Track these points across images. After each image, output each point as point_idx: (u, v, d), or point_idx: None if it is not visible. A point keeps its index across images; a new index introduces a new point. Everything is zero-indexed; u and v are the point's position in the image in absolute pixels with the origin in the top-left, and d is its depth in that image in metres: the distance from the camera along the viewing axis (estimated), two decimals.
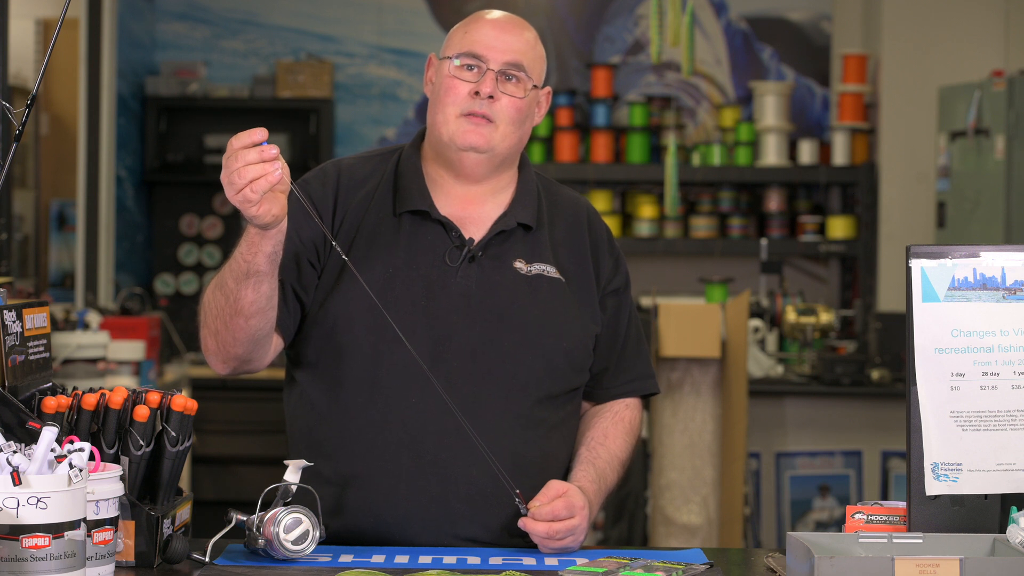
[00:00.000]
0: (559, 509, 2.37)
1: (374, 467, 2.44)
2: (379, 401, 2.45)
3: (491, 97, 2.49)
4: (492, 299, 2.49)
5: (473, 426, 2.39)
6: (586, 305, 2.57)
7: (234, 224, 7.47)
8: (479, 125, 2.50)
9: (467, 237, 2.52)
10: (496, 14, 2.57)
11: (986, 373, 2.14)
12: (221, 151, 7.34)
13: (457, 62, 2.51)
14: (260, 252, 2.29)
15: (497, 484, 2.42)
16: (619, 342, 2.62)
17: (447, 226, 2.52)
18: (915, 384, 2.13)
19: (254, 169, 2.18)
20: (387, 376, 2.44)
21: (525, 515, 2.39)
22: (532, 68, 2.53)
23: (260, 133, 2.19)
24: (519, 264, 2.53)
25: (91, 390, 2.27)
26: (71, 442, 2.00)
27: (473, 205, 2.56)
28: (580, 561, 2.24)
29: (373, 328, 2.45)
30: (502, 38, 2.52)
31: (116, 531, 2.11)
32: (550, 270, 2.54)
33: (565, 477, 2.53)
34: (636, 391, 2.66)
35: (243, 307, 2.35)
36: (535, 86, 2.54)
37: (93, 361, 5.19)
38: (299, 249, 2.49)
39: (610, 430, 2.60)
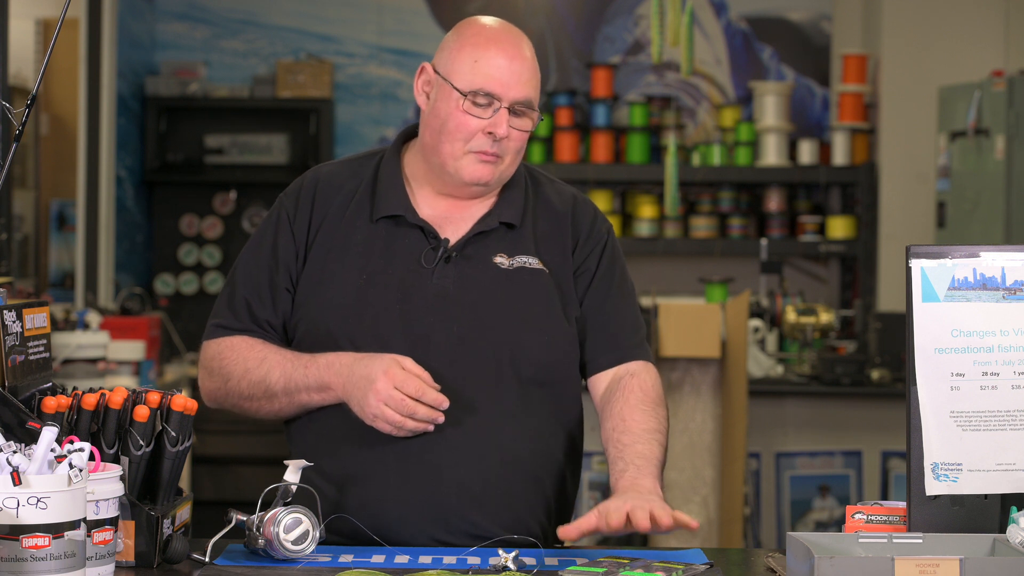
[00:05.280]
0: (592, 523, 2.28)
1: (365, 470, 2.45)
2: None
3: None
4: (470, 296, 2.49)
5: (460, 424, 2.41)
6: (570, 295, 2.55)
7: (234, 224, 7.47)
8: (487, 163, 2.49)
9: (444, 238, 2.52)
10: (500, 36, 2.50)
11: (986, 373, 2.14)
12: (221, 151, 7.37)
13: (469, 99, 2.46)
14: (333, 402, 2.44)
15: (488, 483, 2.43)
16: (590, 319, 2.56)
17: (425, 230, 2.53)
18: (915, 384, 2.13)
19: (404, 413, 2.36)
20: None
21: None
22: (537, 96, 2.52)
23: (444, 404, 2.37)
24: (500, 259, 2.53)
25: (91, 390, 2.27)
26: (71, 442, 2.00)
27: (456, 208, 2.56)
28: (580, 561, 2.24)
29: (349, 336, 2.46)
30: (512, 69, 2.47)
31: (116, 531, 2.11)
32: (532, 262, 2.53)
33: (560, 473, 2.53)
34: (616, 362, 2.57)
35: (286, 414, 2.52)
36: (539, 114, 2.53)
37: (93, 361, 5.19)
38: (276, 281, 2.54)
39: (624, 411, 2.49)
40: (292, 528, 2.23)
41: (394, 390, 2.34)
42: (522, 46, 2.51)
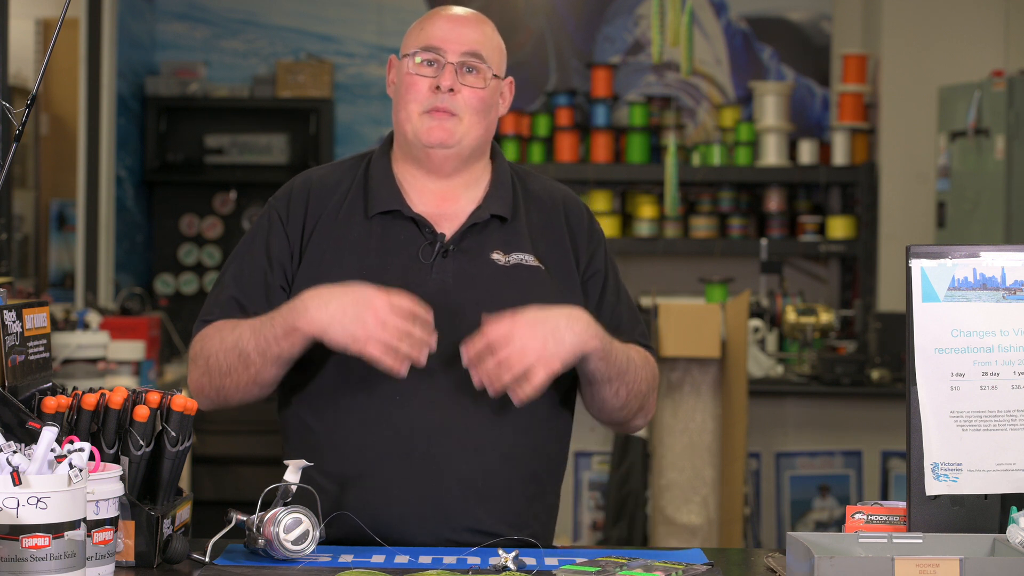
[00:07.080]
0: (490, 334, 2.34)
1: (366, 468, 2.45)
2: (364, 402, 2.45)
3: (452, 90, 2.50)
4: (470, 292, 2.49)
5: (459, 421, 2.42)
6: (568, 291, 2.56)
7: (234, 224, 7.47)
8: (443, 120, 2.51)
9: (440, 232, 2.53)
10: (454, 9, 2.59)
11: (986, 373, 2.14)
12: (221, 151, 7.37)
13: (417, 59, 2.53)
14: (300, 346, 2.39)
15: (489, 477, 2.43)
16: (605, 322, 2.57)
17: (419, 223, 2.53)
18: (915, 384, 2.13)
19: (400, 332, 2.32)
20: (369, 377, 2.42)
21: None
22: (491, 58, 2.54)
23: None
24: (496, 256, 2.53)
25: (91, 390, 2.27)
26: (71, 442, 2.00)
27: (447, 202, 2.57)
28: (579, 560, 2.24)
29: None
30: (458, 30, 2.53)
31: (116, 531, 2.11)
32: (528, 259, 2.54)
33: (553, 468, 2.55)
34: None
35: (264, 379, 2.46)
36: (496, 76, 2.55)
37: (93, 361, 5.19)
38: (270, 279, 2.53)
39: (629, 348, 2.56)
40: (292, 528, 2.23)
41: (391, 314, 2.33)
42: (478, 21, 2.57)
